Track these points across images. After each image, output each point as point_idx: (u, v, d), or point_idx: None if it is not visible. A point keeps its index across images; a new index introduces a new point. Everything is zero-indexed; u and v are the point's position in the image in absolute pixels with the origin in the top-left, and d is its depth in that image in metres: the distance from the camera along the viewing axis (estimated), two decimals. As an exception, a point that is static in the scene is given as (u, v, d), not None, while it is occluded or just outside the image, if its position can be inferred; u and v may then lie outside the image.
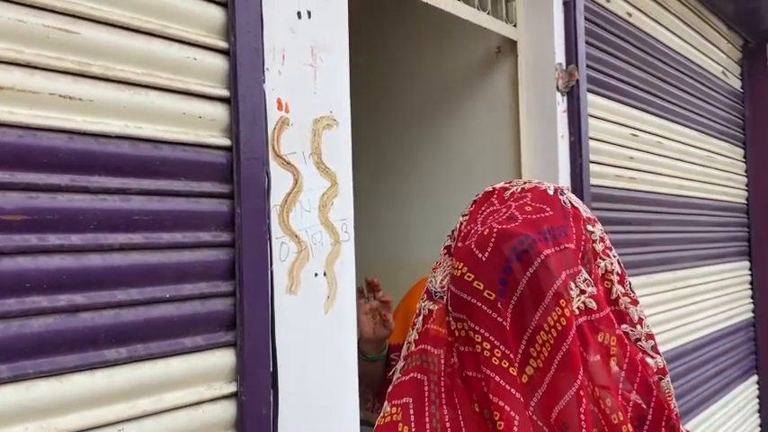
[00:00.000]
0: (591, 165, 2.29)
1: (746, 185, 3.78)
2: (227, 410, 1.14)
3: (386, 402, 0.75)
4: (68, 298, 0.94)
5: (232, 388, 1.15)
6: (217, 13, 1.15)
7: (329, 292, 1.37)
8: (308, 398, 1.30)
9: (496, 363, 0.71)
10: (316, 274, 1.34)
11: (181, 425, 1.07)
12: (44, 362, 0.91)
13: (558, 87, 2.16)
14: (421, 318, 0.78)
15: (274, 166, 1.25)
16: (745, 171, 3.79)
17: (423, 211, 2.49)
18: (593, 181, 2.29)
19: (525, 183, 0.83)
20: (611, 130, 2.47)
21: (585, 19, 2.26)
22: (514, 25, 2.22)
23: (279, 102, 1.27)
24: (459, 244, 0.78)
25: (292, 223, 1.29)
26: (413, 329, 0.79)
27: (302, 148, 1.32)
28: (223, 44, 1.16)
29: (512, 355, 0.71)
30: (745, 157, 3.79)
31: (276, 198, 1.25)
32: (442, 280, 0.79)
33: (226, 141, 1.16)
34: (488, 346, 0.71)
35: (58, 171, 0.93)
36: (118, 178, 1.00)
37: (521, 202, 0.79)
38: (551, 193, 0.80)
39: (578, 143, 2.21)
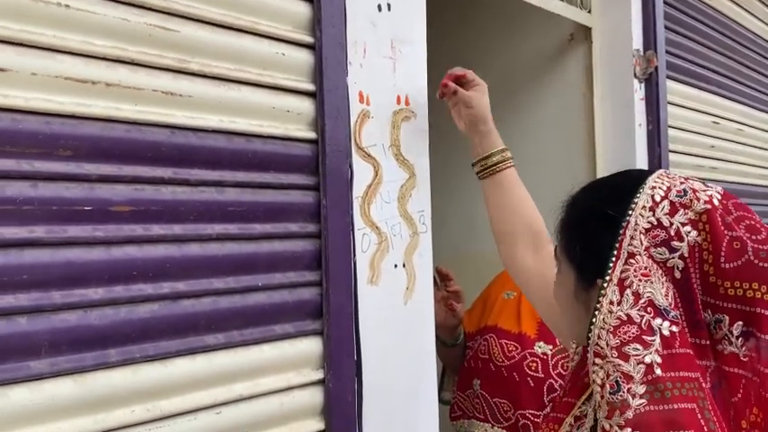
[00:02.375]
0: (670, 154, 2.21)
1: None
2: (315, 396, 1.17)
3: None
4: (171, 285, 0.98)
5: (320, 375, 1.18)
6: (303, 9, 1.18)
7: (408, 283, 1.38)
8: (389, 385, 1.31)
9: None
10: (395, 266, 1.35)
11: (273, 409, 1.11)
12: (149, 347, 0.95)
13: (635, 74, 2.09)
14: (658, 338, 0.70)
15: (356, 159, 1.26)
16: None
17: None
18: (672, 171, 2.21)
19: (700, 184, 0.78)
20: (691, 118, 2.37)
21: (664, 2, 2.18)
22: (589, 11, 2.16)
23: (360, 94, 1.28)
24: (732, 264, 0.71)
25: (373, 215, 1.30)
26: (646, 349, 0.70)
27: (382, 141, 1.33)
28: (309, 39, 1.18)
29: None
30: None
31: (358, 190, 1.26)
32: (667, 295, 0.71)
33: (312, 135, 1.19)
34: None
35: (162, 164, 0.98)
36: (215, 171, 1.04)
37: (744, 212, 0.76)
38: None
39: (657, 132, 2.14)
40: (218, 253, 1.04)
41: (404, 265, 1.37)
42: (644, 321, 0.71)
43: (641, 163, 2.13)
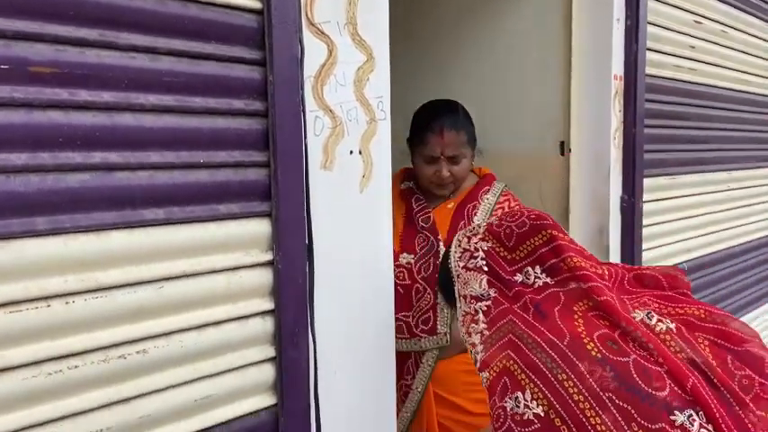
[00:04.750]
0: (648, 53, 2.14)
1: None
2: (264, 277, 1.17)
3: None
4: (103, 156, 0.94)
5: (268, 256, 1.17)
6: None
7: (364, 170, 1.34)
8: (343, 271, 1.31)
9: None
10: (351, 152, 1.31)
11: (220, 287, 1.10)
12: (81, 217, 0.93)
13: (615, -36, 1.98)
14: (480, 314, 1.14)
15: (308, 35, 1.19)
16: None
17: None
18: (648, 70, 2.15)
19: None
20: (673, 15, 2.28)
21: None
22: None
23: (312, -35, 1.20)
24: (510, 242, 1.17)
25: (327, 97, 1.25)
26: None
27: (337, 18, 1.26)
28: None
29: None
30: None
31: (310, 69, 1.20)
32: (481, 285, 1.17)
33: (257, 4, 1.11)
34: None
35: (86, 25, 0.91)
36: (146, 36, 0.97)
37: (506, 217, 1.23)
38: None
39: (635, 28, 2.06)
40: (154, 125, 1.00)
41: (360, 152, 1.34)
42: (472, 309, 1.14)
43: (617, 60, 2.06)
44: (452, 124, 1.75)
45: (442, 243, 1.76)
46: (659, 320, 1.02)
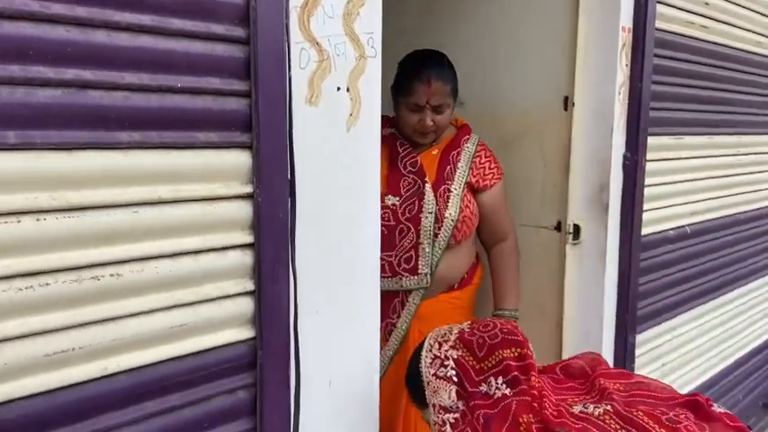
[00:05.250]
0: (658, 6, 2.07)
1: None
2: (244, 210, 1.15)
3: None
4: (76, 72, 0.93)
5: (248, 189, 1.15)
6: None
7: (352, 109, 1.32)
8: (328, 209, 1.30)
9: None
10: (338, 89, 1.29)
11: (197, 217, 1.09)
12: (53, 134, 0.91)
13: None
14: (447, 426, 1.23)
15: (294, -38, 1.16)
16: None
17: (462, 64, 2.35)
18: (658, 24, 2.08)
19: None
20: (687, -32, 2.20)
21: None
22: None
23: None
24: (482, 353, 1.25)
25: (314, 29, 1.22)
26: None
27: (327, -54, 1.22)
28: None
29: None
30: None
31: (296, -1, 1.17)
32: (450, 396, 1.25)
33: (239, -75, 1.08)
34: None
35: (55, -66, 0.88)
36: (120, -49, 0.94)
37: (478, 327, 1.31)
38: None
39: (645, -22, 1.99)
40: (129, 44, 0.97)
41: (348, 90, 1.31)
42: (440, 419, 1.23)
43: (626, 13, 1.99)
44: (439, 75, 1.81)
45: (429, 185, 1.83)
46: (595, 407, 1.17)
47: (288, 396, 1.24)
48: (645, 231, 2.18)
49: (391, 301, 1.83)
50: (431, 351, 1.28)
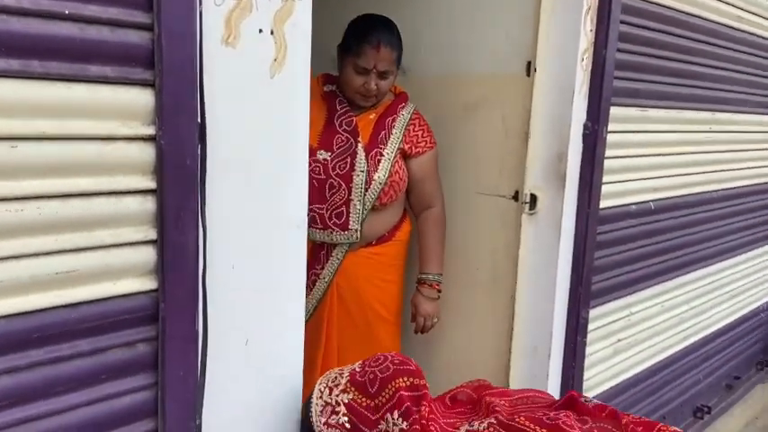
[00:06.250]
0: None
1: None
2: (145, 153, 1.09)
3: None
4: (-62, -11, 0.85)
5: (149, 131, 1.08)
6: None
7: (276, 54, 1.24)
8: (248, 159, 1.23)
9: None
10: (260, 30, 1.21)
11: (88, 155, 1.02)
12: None
13: None
14: None
15: None
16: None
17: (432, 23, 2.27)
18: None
19: None
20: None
21: None
22: None
23: None
24: (373, 389, 1.25)
25: (231, -38, 1.14)
26: None
27: None
28: None
29: None
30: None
31: (211, -72, 1.09)
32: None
33: None
34: None
35: None
36: None
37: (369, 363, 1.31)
38: None
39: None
40: (4, -38, 0.90)
41: (272, 33, 1.23)
42: None
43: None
44: (389, 41, 1.86)
45: (361, 145, 1.89)
46: (480, 423, 1.20)
47: (195, 352, 1.19)
48: (604, 204, 2.12)
49: (318, 253, 1.92)
50: (321, 398, 1.25)
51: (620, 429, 1.16)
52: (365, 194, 1.88)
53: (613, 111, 2.06)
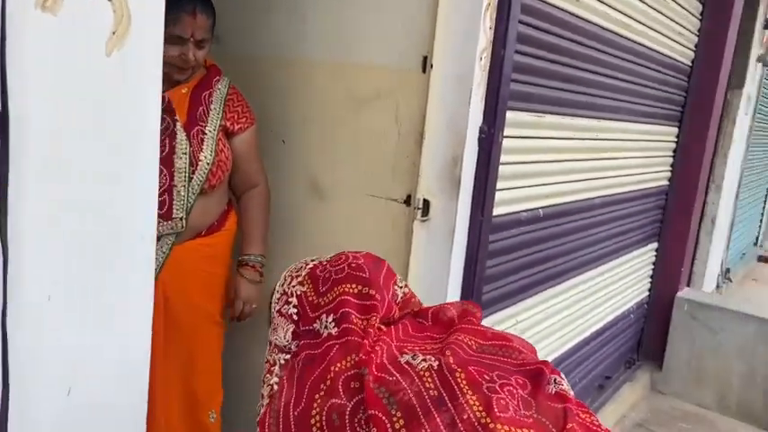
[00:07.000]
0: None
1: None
2: None
3: None
4: None
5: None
6: None
7: (115, 26, 0.98)
8: (75, 161, 0.97)
9: None
10: (95, -5, 0.94)
11: None
12: None
13: None
14: (277, 367, 1.07)
15: None
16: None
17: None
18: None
19: None
20: None
21: None
22: None
23: None
24: (324, 287, 1.12)
25: None
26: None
27: None
28: None
29: None
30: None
31: None
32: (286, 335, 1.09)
33: None
34: None
35: None
36: None
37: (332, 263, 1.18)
38: None
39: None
40: None
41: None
42: (272, 359, 1.09)
43: None
44: (204, 8, 1.73)
45: (180, 124, 1.73)
46: (423, 360, 1.00)
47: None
48: (497, 212, 2.03)
49: None
50: (282, 286, 1.17)
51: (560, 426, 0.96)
52: (191, 179, 1.72)
53: (510, 115, 1.97)
